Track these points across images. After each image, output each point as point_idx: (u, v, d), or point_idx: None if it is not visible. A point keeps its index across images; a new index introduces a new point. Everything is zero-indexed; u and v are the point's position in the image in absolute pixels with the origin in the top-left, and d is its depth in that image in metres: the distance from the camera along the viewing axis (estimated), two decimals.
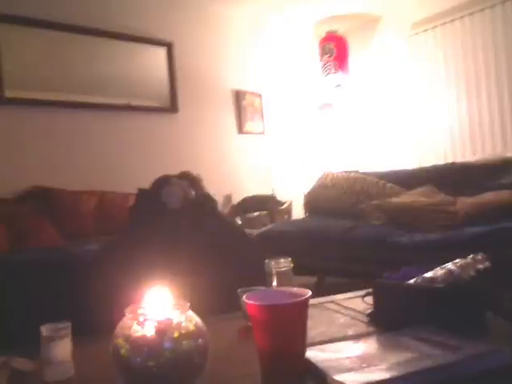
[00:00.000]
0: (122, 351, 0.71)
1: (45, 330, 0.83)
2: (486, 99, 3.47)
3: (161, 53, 3.60)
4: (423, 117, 3.87)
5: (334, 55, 4.04)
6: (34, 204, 2.68)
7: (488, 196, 2.43)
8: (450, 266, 1.05)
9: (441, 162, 3.58)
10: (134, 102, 3.42)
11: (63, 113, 3.08)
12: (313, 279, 2.96)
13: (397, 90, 4.07)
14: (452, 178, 2.84)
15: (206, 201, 1.48)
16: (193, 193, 1.45)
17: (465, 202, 2.45)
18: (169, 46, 3.61)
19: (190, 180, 1.50)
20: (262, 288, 0.96)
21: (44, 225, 2.59)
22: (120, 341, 0.72)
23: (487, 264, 1.07)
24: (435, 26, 3.74)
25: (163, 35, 3.58)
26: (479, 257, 1.08)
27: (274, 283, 0.96)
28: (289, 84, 4.26)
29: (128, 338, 0.71)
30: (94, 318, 1.11)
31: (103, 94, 3.29)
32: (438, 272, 1.03)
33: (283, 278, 0.96)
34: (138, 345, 0.70)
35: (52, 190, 2.80)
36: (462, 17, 3.56)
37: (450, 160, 3.52)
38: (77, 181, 2.97)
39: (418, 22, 3.85)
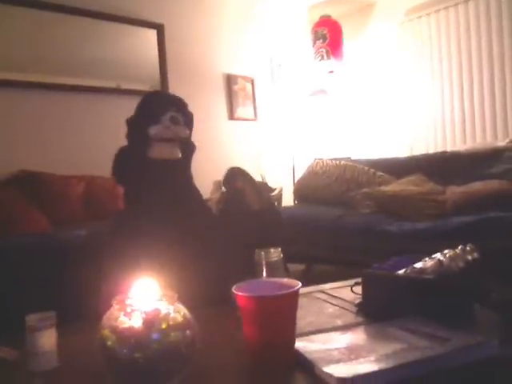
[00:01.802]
0: (109, 342, 0.70)
1: (30, 319, 0.82)
2: (478, 88, 3.47)
3: (151, 35, 3.53)
4: (415, 105, 3.87)
5: (327, 41, 4.00)
6: (20, 189, 2.63)
7: (477, 185, 2.44)
8: (439, 256, 1.05)
9: (431, 150, 3.60)
10: (124, 86, 3.36)
11: (51, 95, 3.02)
12: (301, 267, 2.98)
13: (389, 77, 4.05)
14: (442, 167, 2.85)
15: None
16: None
17: (454, 192, 2.46)
18: (160, 29, 3.55)
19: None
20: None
21: (31, 210, 2.55)
22: (106, 332, 0.71)
23: (476, 255, 1.07)
24: (429, 13, 3.72)
25: (154, 17, 3.51)
26: (468, 248, 1.09)
27: (264, 274, 0.95)
28: (281, 69, 4.22)
29: (115, 330, 0.70)
30: (83, 304, 1.10)
31: (92, 76, 3.23)
32: (427, 263, 1.03)
33: (273, 269, 0.95)
34: (124, 336, 0.69)
35: (39, 174, 2.76)
36: (456, 4, 3.54)
37: (440, 149, 3.53)
38: (65, 165, 2.92)
39: (412, 9, 3.82)
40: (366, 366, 0.73)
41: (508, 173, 2.50)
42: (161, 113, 1.32)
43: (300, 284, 0.78)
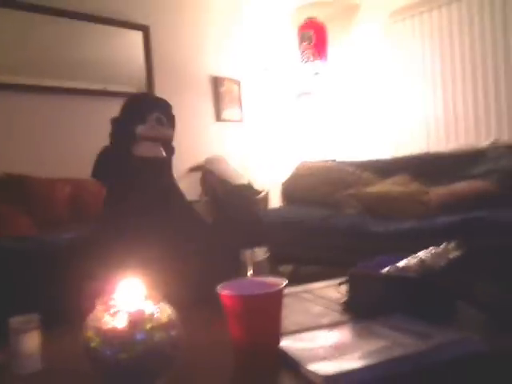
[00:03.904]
0: (93, 344, 0.70)
1: (13, 322, 0.82)
2: (461, 90, 3.52)
3: (137, 37, 3.52)
4: (400, 106, 3.91)
5: (312, 42, 4.03)
6: (6, 192, 2.60)
7: (461, 185, 2.47)
8: (422, 255, 1.07)
9: (415, 151, 3.63)
10: (111, 88, 3.34)
11: (37, 97, 2.99)
12: (288, 268, 2.98)
13: (374, 79, 4.09)
14: (426, 167, 2.88)
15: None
16: None
17: (438, 192, 2.49)
18: (145, 30, 3.54)
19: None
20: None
21: (17, 213, 2.52)
22: (90, 333, 0.70)
23: (458, 253, 1.09)
24: (413, 15, 3.77)
25: (140, 19, 3.50)
26: (451, 246, 1.10)
27: (250, 273, 0.96)
28: (267, 71, 4.24)
29: (99, 331, 0.70)
30: (68, 307, 1.09)
31: (78, 78, 3.21)
32: (410, 261, 1.05)
33: (259, 268, 0.96)
34: (108, 337, 0.69)
35: (25, 177, 2.72)
36: (439, 6, 3.59)
37: (424, 150, 3.58)
38: (51, 168, 2.89)
39: (397, 11, 3.86)
40: (351, 363, 0.74)
41: (491, 173, 2.54)
42: (147, 113, 1.33)
43: (285, 282, 0.79)
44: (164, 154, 1.36)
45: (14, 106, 2.88)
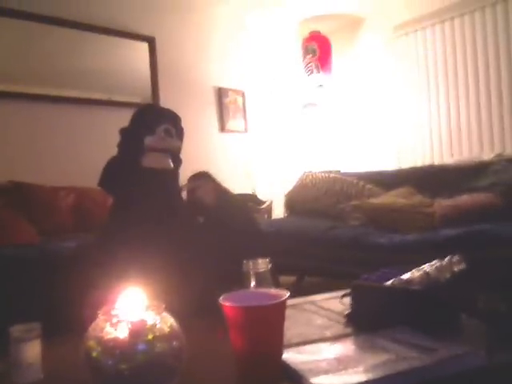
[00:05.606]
0: (94, 354, 0.69)
1: (14, 331, 0.81)
2: (464, 103, 3.53)
3: (143, 48, 3.56)
4: (403, 118, 3.92)
5: (316, 55, 4.05)
6: (9, 200, 2.61)
7: (464, 198, 2.46)
8: (426, 267, 1.06)
9: (419, 163, 3.63)
10: (115, 98, 3.37)
11: (42, 106, 3.02)
12: (291, 279, 2.97)
13: (378, 92, 4.10)
14: (430, 179, 2.87)
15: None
16: None
17: (442, 204, 2.48)
18: (151, 42, 3.57)
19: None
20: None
21: (20, 221, 2.52)
22: (92, 343, 0.70)
23: (463, 266, 1.08)
24: (416, 30, 3.80)
25: (145, 30, 3.54)
26: (455, 259, 1.10)
27: (252, 284, 0.95)
28: (271, 82, 4.26)
29: (100, 340, 0.70)
30: (70, 316, 1.09)
31: (84, 88, 3.24)
32: (414, 274, 1.04)
33: (261, 279, 0.95)
34: (110, 347, 0.69)
35: (28, 185, 2.74)
36: (442, 21, 3.62)
37: (427, 162, 3.57)
38: (55, 176, 2.90)
39: (400, 25, 3.90)
40: (355, 376, 0.73)
41: (494, 186, 2.53)
42: (156, 124, 1.34)
43: (287, 294, 0.78)
44: (172, 165, 1.36)
45: (18, 115, 2.91)
